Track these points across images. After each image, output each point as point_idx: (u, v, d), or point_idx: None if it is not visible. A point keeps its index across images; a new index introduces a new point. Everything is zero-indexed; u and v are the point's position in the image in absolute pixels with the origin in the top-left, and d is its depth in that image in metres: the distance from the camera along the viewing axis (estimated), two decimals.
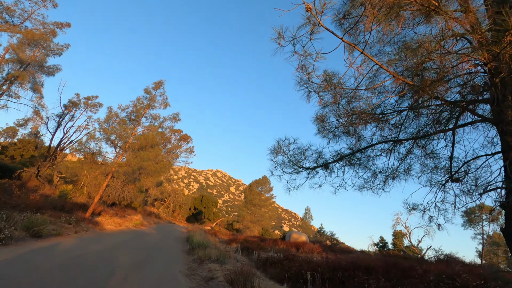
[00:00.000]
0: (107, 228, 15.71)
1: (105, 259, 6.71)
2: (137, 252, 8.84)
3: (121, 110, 17.90)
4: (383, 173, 4.85)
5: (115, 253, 7.81)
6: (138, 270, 6.31)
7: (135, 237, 13.69)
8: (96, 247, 8.17)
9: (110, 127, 16.73)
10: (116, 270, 5.79)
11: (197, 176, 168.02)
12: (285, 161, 6.08)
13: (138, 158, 16.90)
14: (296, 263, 9.96)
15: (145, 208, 44.13)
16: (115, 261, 6.68)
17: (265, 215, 52.19)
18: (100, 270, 5.58)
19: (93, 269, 5.56)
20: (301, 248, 24.30)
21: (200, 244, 13.26)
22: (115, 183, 17.50)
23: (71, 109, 32.47)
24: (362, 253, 28.54)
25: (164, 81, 20.05)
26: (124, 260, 7.02)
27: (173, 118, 19.94)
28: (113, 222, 18.91)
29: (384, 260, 12.36)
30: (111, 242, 9.84)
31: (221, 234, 33.37)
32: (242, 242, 25.57)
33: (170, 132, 46.83)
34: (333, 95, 4.24)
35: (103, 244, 8.95)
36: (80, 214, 15.69)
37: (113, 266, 6.15)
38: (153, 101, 19.21)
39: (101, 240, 9.99)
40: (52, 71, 26.90)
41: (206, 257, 10.05)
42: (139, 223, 23.92)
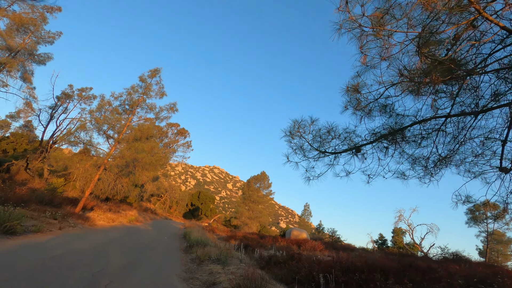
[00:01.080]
0: (98, 224, 14.64)
1: (88, 260, 5.68)
2: (127, 251, 7.80)
3: (114, 98, 16.74)
4: (432, 158, 3.85)
5: (101, 252, 6.78)
6: (126, 274, 5.28)
7: (128, 234, 12.65)
8: (80, 245, 7.12)
9: (102, 116, 15.59)
10: (98, 275, 4.75)
11: (194, 172, 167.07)
12: (304, 145, 5.07)
13: (132, 149, 15.79)
14: (305, 263, 9.02)
15: (141, 203, 43.04)
16: (100, 263, 5.65)
17: (263, 211, 51.35)
18: (77, 275, 4.55)
19: (68, 274, 4.52)
20: (302, 245, 23.40)
21: (198, 242, 12.26)
22: (108, 176, 16.40)
23: (64, 101, 31.17)
24: (364, 250, 27.76)
25: (160, 69, 18.89)
26: (111, 261, 6.00)
27: (170, 109, 18.79)
28: (106, 217, 17.85)
29: (398, 260, 11.48)
30: (100, 240, 8.79)
31: (219, 230, 32.39)
32: (241, 239, 24.64)
33: (167, 126, 45.60)
34: (385, 47, 3.21)
35: (90, 242, 7.91)
36: (69, 209, 14.60)
37: (96, 269, 5.13)
38: (148, 89, 18.06)
39: (88, 237, 8.94)
40: (43, 60, 25.55)
41: (205, 256, 9.06)
42: (134, 219, 22.86)
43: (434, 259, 23.32)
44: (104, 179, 16.31)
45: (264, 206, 52.45)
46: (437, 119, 3.86)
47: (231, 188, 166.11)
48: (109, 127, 16.67)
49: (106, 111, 16.12)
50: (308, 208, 51.00)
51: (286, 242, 24.94)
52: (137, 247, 9.04)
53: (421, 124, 3.71)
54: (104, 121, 15.22)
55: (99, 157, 16.65)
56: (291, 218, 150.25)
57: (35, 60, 25.05)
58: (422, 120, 3.60)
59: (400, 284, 7.29)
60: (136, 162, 16.51)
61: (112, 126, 16.04)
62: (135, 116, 18.08)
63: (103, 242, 8.44)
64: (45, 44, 25.18)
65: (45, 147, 28.71)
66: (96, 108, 15.93)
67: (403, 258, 14.93)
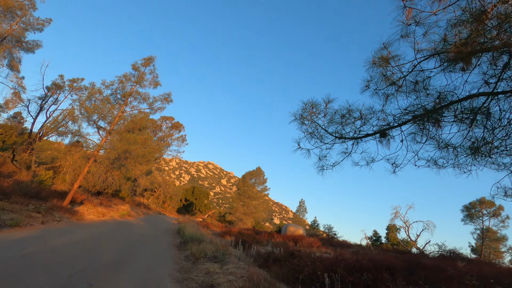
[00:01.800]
0: (87, 218, 13.88)
1: (67, 258, 5.00)
2: (115, 248, 7.12)
3: (105, 86, 15.84)
4: (477, 144, 3.25)
5: (85, 249, 6.09)
6: (110, 275, 4.62)
7: (118, 229, 11.93)
8: (61, 241, 6.42)
9: (92, 105, 14.72)
10: (76, 277, 4.08)
11: (188, 167, 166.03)
12: (317, 129, 4.43)
13: (124, 140, 15.00)
14: (308, 261, 8.47)
15: (134, 198, 42.18)
16: (81, 262, 4.97)
17: (258, 207, 50.87)
18: (49, 278, 3.87)
19: (38, 276, 3.84)
20: (299, 242, 22.96)
21: (193, 238, 11.61)
22: (98, 169, 15.59)
23: (54, 91, 30.01)
24: (360, 247, 27.50)
25: (154, 57, 18.01)
26: (94, 260, 5.32)
27: (164, 99, 17.94)
28: (96, 212, 17.08)
29: (404, 258, 11.02)
30: (85, 235, 8.08)
31: (213, 226, 31.77)
32: (237, 235, 24.07)
33: (161, 120, 44.58)
34: None
35: (73, 238, 7.20)
36: (56, 203, 13.79)
37: (75, 269, 4.45)
38: (142, 79, 17.19)
39: (74, 232, 8.23)
40: (31, 47, 24.39)
41: (201, 253, 8.43)
42: (126, 214, 22.08)
43: (431, 256, 23.16)
44: (94, 171, 15.50)
45: (259, 202, 51.99)
46: (486, 97, 3.25)
47: (225, 184, 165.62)
48: (100, 117, 15.82)
49: (97, 100, 15.26)
50: (304, 204, 50.69)
51: (282, 238, 24.48)
52: (127, 243, 8.36)
53: (464, 103, 3.10)
54: (94, 110, 14.37)
55: (88, 148, 15.81)
56: (284, 214, 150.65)
57: (23, 47, 23.89)
58: (468, 97, 2.99)
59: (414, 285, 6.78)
60: (128, 154, 15.72)
61: (103, 116, 15.19)
62: (127, 106, 17.24)
63: (88, 237, 7.74)
64: (33, 31, 24.01)
65: (34, 138, 27.63)
66: (85, 97, 15.05)
67: (406, 255, 14.56)
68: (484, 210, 28.22)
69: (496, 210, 27.40)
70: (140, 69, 17.37)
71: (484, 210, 28.23)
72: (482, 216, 28.37)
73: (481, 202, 28.37)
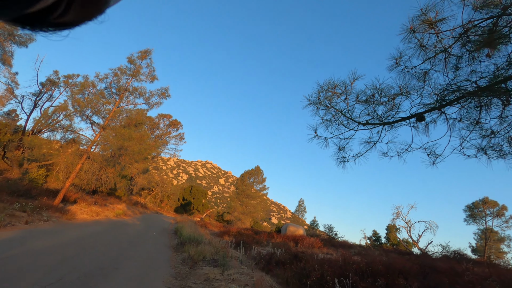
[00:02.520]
0: (78, 217, 13.17)
1: (46, 264, 4.33)
2: (105, 250, 6.45)
3: (99, 79, 15.11)
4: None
5: (69, 252, 5.42)
6: (93, 284, 3.96)
7: (111, 229, 11.24)
8: (44, 243, 5.75)
9: (85, 99, 14.00)
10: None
11: (186, 167, 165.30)
12: (336, 115, 3.79)
13: (118, 136, 14.30)
14: (315, 265, 7.83)
15: (131, 197, 41.44)
16: (61, 268, 4.31)
17: (257, 206, 50.24)
18: None
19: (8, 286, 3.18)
20: (300, 242, 22.35)
21: (191, 239, 10.95)
22: (92, 166, 14.87)
23: (49, 88, 29.24)
24: (361, 248, 26.93)
25: (151, 50, 17.29)
26: (78, 265, 4.66)
27: (161, 94, 17.24)
28: (89, 211, 16.38)
29: (415, 261, 10.42)
30: (73, 236, 7.40)
31: (211, 225, 31.09)
32: (236, 235, 23.43)
33: (159, 117, 43.80)
34: None
35: (59, 239, 6.52)
36: (45, 201, 13.07)
37: (52, 278, 3.78)
38: (138, 72, 16.48)
39: (60, 233, 7.54)
40: (24, 41, 23.57)
41: (199, 256, 7.78)
42: (122, 213, 21.36)
43: (434, 257, 22.62)
44: (87, 169, 14.78)
45: (258, 201, 51.36)
46: None
47: (223, 183, 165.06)
48: (93, 112, 15.11)
49: (90, 94, 14.54)
50: (303, 203, 50.07)
51: (283, 239, 23.86)
52: (119, 245, 7.68)
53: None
54: (87, 104, 13.65)
55: (81, 144, 15.11)
56: (282, 214, 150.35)
57: (15, 41, 23.10)
58: None
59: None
60: (123, 150, 15.02)
61: (96, 111, 14.48)
62: (123, 101, 16.52)
63: (76, 239, 7.05)
64: None
65: (28, 135, 26.82)
66: (78, 90, 14.32)
67: (412, 257, 13.97)
68: (487, 210, 27.75)
69: (500, 210, 26.95)
70: (136, 62, 16.66)
71: (487, 210, 27.77)
72: (486, 216, 27.91)
73: (484, 202, 27.90)
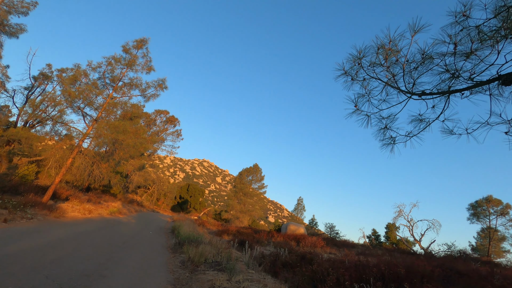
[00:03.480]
0: (68, 215, 12.28)
1: (16, 272, 3.50)
2: (94, 253, 5.62)
3: (92, 69, 14.17)
4: None
5: (48, 257, 4.58)
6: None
7: (103, 228, 10.38)
8: (19, 246, 4.90)
9: (77, 89, 13.09)
10: None
11: (183, 165, 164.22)
12: (382, 83, 3.00)
13: (112, 129, 13.41)
14: (329, 267, 7.02)
15: (127, 195, 40.47)
16: (34, 277, 3.49)
17: (255, 205, 49.49)
18: None
19: None
20: (301, 241, 21.63)
21: (190, 238, 10.13)
22: (83, 160, 13.96)
23: (42, 82, 28.16)
24: (364, 247, 26.29)
25: (148, 39, 16.38)
26: (56, 272, 3.83)
27: (158, 85, 16.33)
28: (82, 208, 15.48)
29: (431, 262, 9.71)
30: (59, 236, 6.55)
31: (209, 224, 30.26)
32: (235, 234, 22.64)
33: (155, 113, 42.76)
34: None
35: (39, 241, 5.67)
36: (33, 198, 12.15)
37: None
38: (133, 62, 15.57)
39: (44, 232, 6.69)
40: (15, 32, 22.49)
41: (200, 258, 6.98)
42: (116, 211, 20.45)
43: (437, 256, 22.04)
44: (79, 163, 13.86)
45: (256, 200, 50.61)
46: None
47: (220, 182, 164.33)
48: (86, 103, 14.19)
49: (82, 84, 13.62)
50: (302, 202, 49.42)
51: (283, 238, 23.13)
52: (109, 246, 6.84)
53: None
54: (79, 94, 12.74)
55: (72, 137, 14.19)
56: (279, 213, 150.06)
57: (5, 31, 22.01)
58: None
59: None
60: (117, 144, 14.13)
61: (89, 102, 13.56)
62: (117, 92, 15.61)
63: (60, 240, 6.21)
64: (18, 14, 22.14)
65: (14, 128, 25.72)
66: (69, 79, 13.38)
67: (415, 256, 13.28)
68: (491, 209, 27.25)
69: (504, 208, 26.47)
70: (131, 52, 15.74)
71: (491, 208, 27.27)
72: (490, 215, 27.41)
73: (488, 200, 27.40)
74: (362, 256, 19.63)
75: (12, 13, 22.03)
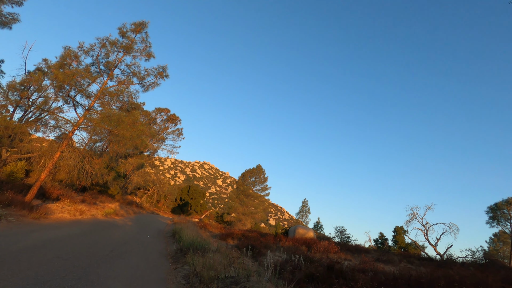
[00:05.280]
0: (53, 217, 10.63)
1: None
2: (68, 266, 4.00)
3: (84, 51, 12.58)
4: None
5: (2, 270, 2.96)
6: None
7: (91, 232, 8.73)
8: None
9: (65, 72, 11.52)
10: None
11: (183, 167, 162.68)
12: None
13: (105, 119, 11.82)
14: (374, 285, 5.38)
15: (125, 196, 38.75)
16: None
17: (258, 207, 47.71)
18: None
19: None
20: (313, 246, 19.87)
21: (194, 245, 8.45)
22: (73, 154, 12.35)
23: (38, 78, 26.67)
24: (378, 252, 24.50)
25: (147, 23, 14.82)
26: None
27: (158, 73, 14.74)
28: (73, 209, 13.85)
29: (494, 274, 8.06)
30: (25, 243, 4.93)
31: (211, 227, 28.50)
32: (241, 238, 20.93)
33: (156, 111, 41.16)
34: None
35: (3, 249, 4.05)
36: (11, 196, 10.50)
37: None
38: (130, 47, 14.00)
39: (10, 237, 5.07)
40: (7, 22, 20.92)
41: (209, 272, 5.33)
42: (112, 212, 18.77)
43: (459, 262, 20.31)
44: (68, 158, 12.24)
45: (259, 202, 48.84)
46: None
47: (221, 184, 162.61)
48: (77, 91, 12.62)
49: (72, 67, 12.04)
50: (307, 204, 47.62)
51: (292, 242, 21.45)
52: (91, 256, 5.20)
53: None
54: (67, 78, 11.15)
55: (61, 128, 12.59)
56: (280, 215, 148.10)
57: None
58: None
59: None
60: (111, 136, 12.53)
61: (80, 88, 11.98)
62: (112, 79, 14.04)
63: (23, 248, 4.58)
64: (11, 4, 20.63)
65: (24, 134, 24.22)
66: (57, 62, 11.81)
67: (445, 266, 11.51)
68: None
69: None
70: (129, 36, 14.18)
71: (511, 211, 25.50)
72: (511, 218, 25.62)
73: (508, 203, 25.66)
74: (381, 264, 17.83)
75: (5, 3, 20.53)
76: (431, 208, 28.64)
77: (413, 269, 17.78)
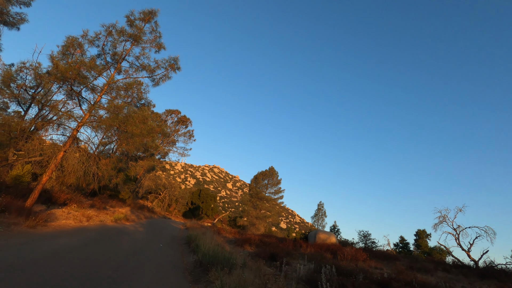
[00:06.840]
0: (54, 224, 9.40)
1: None
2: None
3: (88, 41, 11.46)
4: None
5: None
6: None
7: (97, 241, 7.41)
8: None
9: (68, 62, 10.42)
10: None
11: (194, 171, 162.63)
12: None
13: (113, 115, 10.62)
14: None
15: (137, 201, 37.80)
16: None
17: (272, 210, 46.00)
18: None
19: None
20: (339, 253, 18.06)
21: (216, 257, 7.00)
22: (77, 154, 11.17)
23: (48, 81, 26.08)
24: (410, 259, 22.48)
25: (157, 11, 13.64)
26: None
27: (169, 65, 13.52)
28: (79, 215, 12.67)
29: None
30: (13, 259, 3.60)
31: (225, 232, 26.99)
32: (259, 244, 19.40)
33: (166, 113, 40.25)
34: None
35: None
36: (10, 201, 9.34)
37: None
38: (139, 37, 12.82)
39: None
40: (15, 22, 20.21)
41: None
42: (123, 218, 17.56)
43: (507, 269, 18.16)
44: (73, 158, 11.07)
45: (272, 205, 47.13)
46: None
47: (231, 187, 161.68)
48: (82, 86, 11.48)
49: (75, 57, 10.91)
50: (322, 207, 45.62)
51: (314, 249, 19.74)
52: (90, 279, 3.82)
53: None
54: (70, 68, 10.02)
55: (64, 125, 11.47)
56: (291, 219, 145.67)
57: (3, 19, 19.83)
58: None
59: None
60: (119, 134, 11.31)
61: (83, 80, 10.82)
62: (120, 72, 12.87)
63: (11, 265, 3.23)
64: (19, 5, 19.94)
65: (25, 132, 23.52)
66: (59, 52, 10.72)
67: None
68: None
69: None
70: (137, 25, 13.02)
71: None
72: None
73: None
74: (415, 272, 15.89)
75: (13, 3, 19.83)
76: (462, 211, 26.41)
77: (454, 279, 15.83)
